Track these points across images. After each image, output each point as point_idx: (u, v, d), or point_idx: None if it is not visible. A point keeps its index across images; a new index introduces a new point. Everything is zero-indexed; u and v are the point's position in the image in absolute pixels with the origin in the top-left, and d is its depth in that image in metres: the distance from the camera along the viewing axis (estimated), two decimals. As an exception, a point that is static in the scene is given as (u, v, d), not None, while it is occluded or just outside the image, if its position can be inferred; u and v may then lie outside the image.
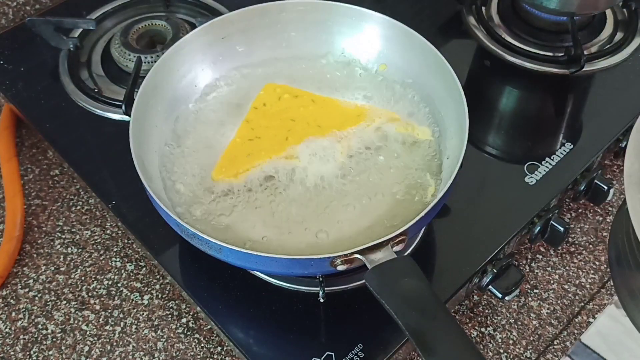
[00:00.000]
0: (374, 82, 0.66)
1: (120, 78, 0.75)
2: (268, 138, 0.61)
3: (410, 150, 0.60)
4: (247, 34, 0.67)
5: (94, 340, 0.60)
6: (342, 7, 0.65)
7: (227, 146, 0.61)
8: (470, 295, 0.62)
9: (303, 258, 0.48)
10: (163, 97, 0.62)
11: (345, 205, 0.56)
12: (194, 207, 0.56)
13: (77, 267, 0.64)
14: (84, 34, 0.79)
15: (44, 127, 0.70)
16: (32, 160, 0.74)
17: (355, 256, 0.48)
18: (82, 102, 0.72)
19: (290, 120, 0.62)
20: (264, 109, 0.63)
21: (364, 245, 0.47)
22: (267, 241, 0.54)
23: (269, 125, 0.62)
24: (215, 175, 0.58)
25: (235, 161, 0.59)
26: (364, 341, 0.54)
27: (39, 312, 0.61)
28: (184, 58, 0.64)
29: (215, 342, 0.59)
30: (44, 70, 0.76)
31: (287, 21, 0.67)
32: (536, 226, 0.62)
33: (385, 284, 0.45)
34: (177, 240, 0.60)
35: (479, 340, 0.60)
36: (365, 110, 0.62)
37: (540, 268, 0.65)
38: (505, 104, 0.75)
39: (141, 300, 0.62)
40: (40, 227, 0.68)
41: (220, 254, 0.50)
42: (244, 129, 0.62)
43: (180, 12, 0.83)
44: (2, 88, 0.74)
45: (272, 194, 0.57)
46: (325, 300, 0.55)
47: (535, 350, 0.59)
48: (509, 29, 0.79)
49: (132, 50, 0.74)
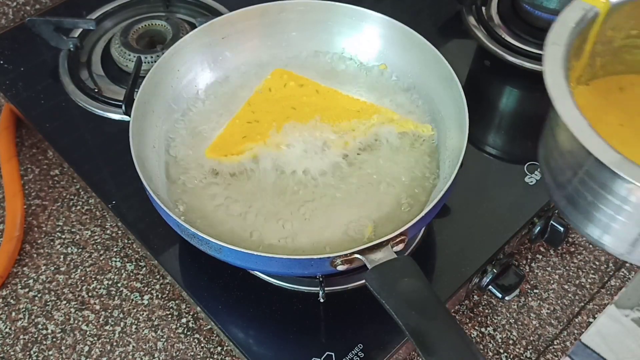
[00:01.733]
0: (374, 82, 0.66)
1: (120, 78, 0.75)
2: (266, 122, 0.61)
3: (409, 150, 0.60)
4: (247, 34, 0.67)
5: (94, 340, 0.60)
6: (342, 7, 0.65)
7: (226, 126, 0.61)
8: (470, 295, 0.62)
9: (303, 258, 0.48)
10: (163, 97, 0.62)
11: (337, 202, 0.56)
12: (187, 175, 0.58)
13: (77, 267, 0.64)
14: (84, 34, 0.79)
15: (44, 127, 0.70)
16: (32, 160, 0.74)
17: (355, 256, 0.48)
18: (82, 102, 0.72)
19: (291, 108, 0.62)
20: (267, 94, 0.63)
21: (364, 245, 0.47)
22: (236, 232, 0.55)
23: (269, 110, 0.62)
24: (208, 153, 0.59)
25: (230, 141, 0.60)
26: (364, 341, 0.54)
27: (39, 312, 0.61)
28: (183, 58, 0.64)
29: (215, 342, 0.59)
30: (44, 70, 0.76)
31: (287, 21, 0.67)
32: (536, 226, 0.62)
33: (385, 284, 0.45)
34: (177, 240, 0.60)
35: (479, 340, 0.60)
36: (367, 107, 0.62)
37: (540, 268, 0.65)
38: (505, 103, 0.75)
39: (141, 300, 0.62)
40: (40, 227, 0.68)
41: (220, 254, 0.50)
42: (245, 111, 0.62)
43: (180, 12, 0.83)
44: (2, 88, 0.74)
45: (254, 182, 0.58)
46: (325, 300, 0.55)
47: (535, 350, 0.59)
48: (509, 29, 0.79)
49: (132, 50, 0.74)
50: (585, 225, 0.44)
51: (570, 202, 0.44)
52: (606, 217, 0.41)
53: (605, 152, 0.37)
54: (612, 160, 0.37)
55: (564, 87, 0.40)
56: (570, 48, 0.43)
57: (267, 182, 0.58)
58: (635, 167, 0.36)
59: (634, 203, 0.39)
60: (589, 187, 0.41)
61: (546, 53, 0.42)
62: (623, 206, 0.40)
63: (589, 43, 0.46)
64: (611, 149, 0.37)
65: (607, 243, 0.43)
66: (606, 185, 0.39)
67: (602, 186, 0.40)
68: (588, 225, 0.43)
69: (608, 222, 0.42)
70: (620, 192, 0.39)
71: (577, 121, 0.39)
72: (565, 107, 0.39)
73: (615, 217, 0.41)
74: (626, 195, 0.38)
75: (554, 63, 0.42)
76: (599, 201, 0.41)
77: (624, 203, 0.39)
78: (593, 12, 0.44)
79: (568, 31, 0.43)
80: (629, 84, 0.48)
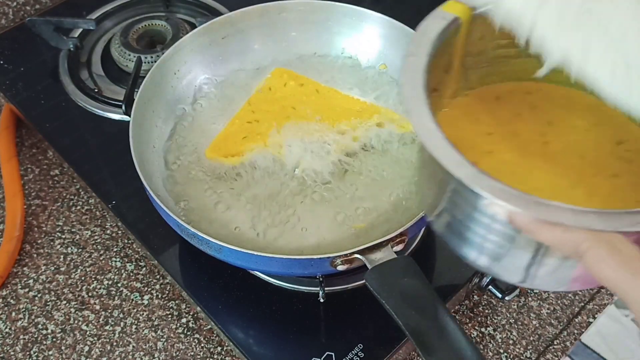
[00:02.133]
0: (374, 82, 0.66)
1: (120, 78, 0.75)
2: (266, 122, 0.61)
3: (409, 149, 0.60)
4: (247, 34, 0.67)
5: (94, 340, 0.60)
6: (342, 7, 0.65)
7: (226, 125, 0.61)
8: (470, 295, 0.62)
9: (303, 258, 0.48)
10: (163, 97, 0.62)
11: (337, 201, 0.56)
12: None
13: (77, 267, 0.64)
14: (84, 34, 0.79)
15: (44, 127, 0.70)
16: (32, 160, 0.74)
17: (355, 256, 0.48)
18: (82, 102, 0.72)
19: (292, 107, 0.62)
20: (268, 93, 0.63)
21: (364, 245, 0.47)
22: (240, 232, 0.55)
23: (269, 109, 0.62)
24: (208, 153, 0.59)
25: (230, 141, 0.60)
26: (364, 341, 0.54)
27: (39, 312, 0.61)
28: (184, 58, 0.64)
29: (215, 342, 0.59)
30: (44, 70, 0.76)
31: (287, 21, 0.67)
32: (536, 226, 0.62)
33: (385, 284, 0.45)
34: (177, 240, 0.60)
35: (479, 340, 0.60)
36: (367, 107, 0.62)
37: (540, 268, 0.65)
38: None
39: (141, 300, 0.62)
40: (40, 227, 0.68)
41: (220, 253, 0.50)
42: (245, 111, 0.62)
43: (180, 12, 0.83)
44: (2, 88, 0.74)
45: (254, 182, 0.58)
46: (325, 300, 0.55)
47: (535, 350, 0.59)
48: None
49: (132, 50, 0.74)
50: (464, 250, 0.39)
51: (446, 227, 0.40)
52: (478, 237, 0.37)
53: (458, 165, 0.33)
54: (467, 174, 0.33)
55: (421, 99, 0.37)
56: (432, 59, 0.39)
57: (267, 182, 0.58)
58: (489, 180, 0.32)
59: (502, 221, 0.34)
60: (459, 208, 0.37)
61: (404, 65, 0.39)
62: (492, 225, 0.35)
63: (456, 54, 0.43)
64: (466, 162, 0.33)
65: (499, 272, 0.38)
66: (470, 203, 0.36)
67: (467, 205, 0.36)
68: (465, 249, 0.38)
69: (481, 244, 0.37)
70: (486, 210, 0.35)
71: (430, 133, 0.35)
72: (420, 120, 0.36)
73: (488, 239, 0.36)
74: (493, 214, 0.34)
75: (411, 75, 0.38)
76: (469, 221, 0.37)
77: (493, 222, 0.35)
78: (456, 22, 0.41)
79: (430, 42, 0.40)
80: (506, 92, 0.46)
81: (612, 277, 0.31)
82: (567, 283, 0.37)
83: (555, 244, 0.32)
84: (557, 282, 0.37)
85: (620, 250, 0.31)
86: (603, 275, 0.31)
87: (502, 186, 0.32)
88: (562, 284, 0.37)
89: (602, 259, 0.31)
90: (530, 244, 0.34)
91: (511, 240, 0.35)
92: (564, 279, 0.37)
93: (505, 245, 0.36)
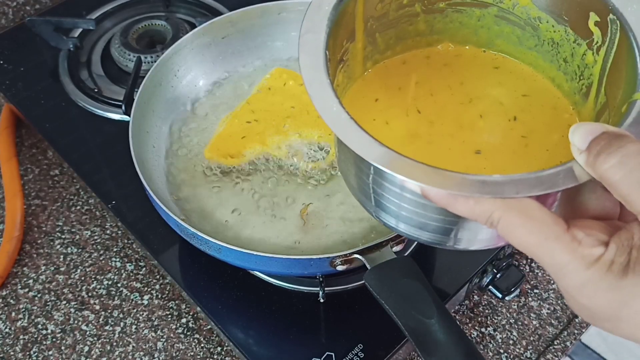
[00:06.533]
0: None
1: (120, 78, 0.75)
2: (266, 122, 0.61)
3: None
4: (247, 34, 0.67)
5: (94, 340, 0.60)
6: (342, 7, 0.65)
7: (225, 125, 0.61)
8: (470, 295, 0.62)
9: (303, 258, 0.48)
10: (163, 97, 0.62)
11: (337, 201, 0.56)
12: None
13: (77, 267, 0.64)
14: (84, 34, 0.79)
15: (44, 127, 0.70)
16: (32, 160, 0.74)
17: (355, 256, 0.48)
18: (82, 102, 0.72)
19: (291, 107, 0.62)
20: (267, 93, 0.63)
21: (363, 245, 0.47)
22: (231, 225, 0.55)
23: (269, 109, 0.62)
24: (207, 153, 0.59)
25: (229, 141, 0.60)
26: (364, 341, 0.54)
27: (39, 312, 0.61)
28: (184, 58, 0.64)
29: (215, 342, 0.59)
30: (44, 70, 0.76)
31: (287, 21, 0.67)
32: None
33: (385, 284, 0.45)
34: (177, 240, 0.60)
35: (479, 340, 0.60)
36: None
37: (540, 268, 0.65)
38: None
39: (141, 300, 0.62)
40: (40, 227, 0.68)
41: (220, 253, 0.50)
42: (244, 110, 0.62)
43: (180, 12, 0.83)
44: (2, 88, 0.74)
45: (253, 182, 0.58)
46: (325, 300, 0.55)
47: (535, 350, 0.59)
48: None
49: (132, 50, 0.74)
50: (384, 217, 0.39)
51: (359, 191, 0.41)
52: (401, 209, 0.37)
53: (367, 146, 0.33)
54: (376, 156, 0.32)
55: (323, 81, 0.36)
56: (331, 32, 0.38)
57: (267, 182, 0.58)
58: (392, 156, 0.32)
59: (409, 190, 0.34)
60: (368, 178, 0.38)
61: (300, 44, 0.37)
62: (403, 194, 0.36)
63: (358, 21, 0.42)
64: (374, 141, 0.33)
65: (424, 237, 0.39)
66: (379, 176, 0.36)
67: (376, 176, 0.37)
68: (386, 217, 0.39)
69: (400, 212, 0.37)
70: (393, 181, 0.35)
71: (335, 117, 0.34)
72: (323, 104, 0.35)
73: (409, 210, 0.37)
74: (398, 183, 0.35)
75: (310, 55, 0.37)
76: (389, 194, 0.37)
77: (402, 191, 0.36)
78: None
79: (325, 15, 0.38)
80: (411, 57, 0.45)
81: (525, 243, 0.31)
82: (492, 240, 0.37)
83: (470, 216, 0.32)
84: (481, 242, 0.37)
85: (532, 216, 0.30)
86: (517, 242, 0.31)
87: (412, 163, 0.32)
88: (487, 242, 0.38)
89: (515, 227, 0.31)
90: (447, 212, 0.34)
91: (430, 210, 0.36)
92: (488, 238, 0.37)
93: (424, 215, 0.36)
